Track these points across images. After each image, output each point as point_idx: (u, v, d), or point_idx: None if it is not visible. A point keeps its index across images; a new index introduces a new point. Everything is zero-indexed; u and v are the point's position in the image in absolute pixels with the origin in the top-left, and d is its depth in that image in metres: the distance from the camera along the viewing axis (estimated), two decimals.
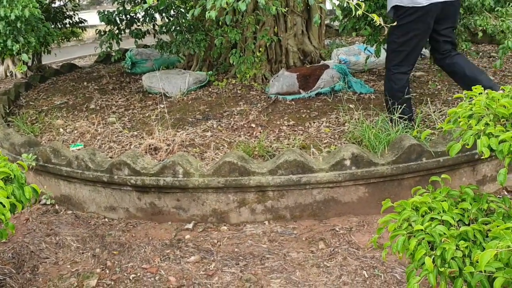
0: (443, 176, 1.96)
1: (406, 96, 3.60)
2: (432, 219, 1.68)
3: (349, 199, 3.19)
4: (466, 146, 1.76)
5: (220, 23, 5.05)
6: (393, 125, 3.61)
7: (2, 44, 4.04)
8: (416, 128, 3.51)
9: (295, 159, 3.06)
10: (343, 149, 3.12)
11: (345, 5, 2.42)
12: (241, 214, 3.24)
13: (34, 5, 3.77)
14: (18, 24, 3.80)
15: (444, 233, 1.60)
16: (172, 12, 5.33)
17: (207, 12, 2.60)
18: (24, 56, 3.94)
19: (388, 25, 2.50)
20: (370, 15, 2.23)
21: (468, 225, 1.70)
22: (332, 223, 3.15)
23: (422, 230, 1.64)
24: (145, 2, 2.72)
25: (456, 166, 3.22)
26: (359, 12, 2.18)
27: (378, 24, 2.31)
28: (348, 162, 3.07)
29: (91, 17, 10.07)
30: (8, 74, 8.71)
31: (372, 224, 3.11)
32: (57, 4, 7.35)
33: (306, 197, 3.17)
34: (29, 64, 8.32)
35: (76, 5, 7.73)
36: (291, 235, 3.06)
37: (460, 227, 1.64)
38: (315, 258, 2.79)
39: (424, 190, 1.95)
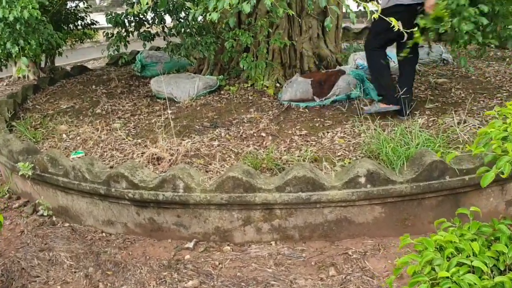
0: (472, 208, 1.69)
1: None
2: (460, 263, 1.41)
3: (363, 220, 2.92)
4: (501, 175, 1.49)
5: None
6: (413, 137, 3.34)
7: (2, 47, 3.86)
8: (437, 140, 3.24)
9: (305, 175, 2.80)
10: (358, 165, 2.86)
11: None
12: (246, 233, 3.00)
13: (33, 6, 3.58)
14: (18, 26, 3.63)
15: (475, 284, 1.33)
16: (182, 14, 5.12)
17: (208, 14, 2.37)
18: (24, 60, 3.76)
19: (409, 30, 2.23)
20: (388, 19, 1.97)
21: (504, 272, 1.42)
22: (345, 246, 2.88)
23: (448, 277, 1.38)
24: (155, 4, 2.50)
25: None
26: (375, 15, 1.92)
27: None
28: (363, 180, 2.80)
29: None
30: (20, 75, 8.64)
31: (389, 248, 2.83)
32: (68, 5, 7.20)
33: (316, 216, 2.91)
34: (42, 65, 8.23)
35: (88, 6, 7.57)
36: (299, 258, 2.81)
37: (494, 275, 1.37)
38: (324, 287, 2.53)
39: (449, 224, 1.68)
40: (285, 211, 2.91)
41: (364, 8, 2.01)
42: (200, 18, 5.00)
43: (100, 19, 8.70)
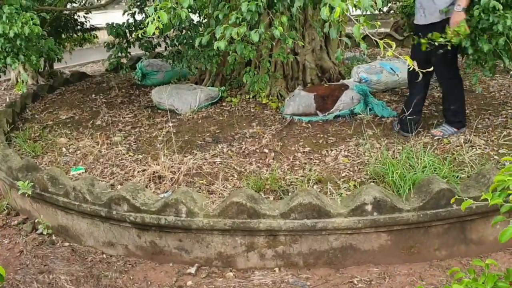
0: (488, 261, 1.64)
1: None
2: None
3: (369, 247, 2.87)
4: None
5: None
6: (418, 160, 3.29)
7: (2, 61, 3.80)
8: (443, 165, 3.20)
9: (311, 202, 2.76)
10: (364, 192, 2.81)
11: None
12: (249, 259, 2.95)
13: (34, 22, 3.52)
14: (18, 42, 3.56)
15: None
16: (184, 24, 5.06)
17: (215, 43, 2.32)
18: (24, 76, 3.71)
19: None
20: (403, 57, 1.92)
21: None
22: (350, 274, 2.84)
23: None
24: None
25: (491, 213, 2.88)
26: (389, 53, 1.88)
27: None
28: (369, 207, 2.75)
29: (108, 18, 9.85)
30: (19, 80, 8.55)
31: (394, 277, 2.79)
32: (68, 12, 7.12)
33: (321, 243, 2.86)
34: (41, 70, 8.15)
35: (88, 12, 7.49)
36: (304, 287, 2.76)
37: None
38: None
39: (463, 274, 1.63)
40: (290, 237, 2.86)
41: (377, 42, 1.96)
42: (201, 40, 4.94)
43: (99, 18, 8.60)
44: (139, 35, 2.43)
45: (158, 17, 2.13)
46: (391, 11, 10.42)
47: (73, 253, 3.36)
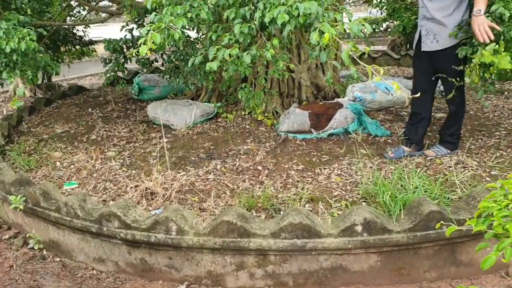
0: (470, 287, 1.65)
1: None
2: None
3: (359, 268, 2.87)
4: (502, 260, 1.45)
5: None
6: (410, 180, 3.31)
7: None
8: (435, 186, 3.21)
9: (301, 222, 2.76)
10: (355, 213, 2.82)
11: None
12: (238, 278, 2.94)
13: (31, 38, 3.55)
14: (14, 57, 3.59)
15: None
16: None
17: (208, 64, 2.35)
18: (20, 91, 3.74)
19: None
20: (387, 80, 1.92)
21: None
22: None
23: None
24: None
25: (480, 236, 2.87)
26: (377, 78, 1.91)
27: None
28: (359, 228, 2.76)
29: (108, 31, 9.91)
30: (17, 92, 8.58)
31: None
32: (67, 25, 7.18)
33: (311, 263, 2.86)
34: (39, 82, 8.18)
35: (87, 26, 7.55)
36: None
37: None
38: None
39: None
40: (280, 257, 2.86)
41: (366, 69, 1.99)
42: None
43: (98, 31, 8.63)
44: (133, 54, 2.46)
45: (151, 38, 2.16)
46: (388, 29, 10.53)
47: (63, 268, 3.34)
